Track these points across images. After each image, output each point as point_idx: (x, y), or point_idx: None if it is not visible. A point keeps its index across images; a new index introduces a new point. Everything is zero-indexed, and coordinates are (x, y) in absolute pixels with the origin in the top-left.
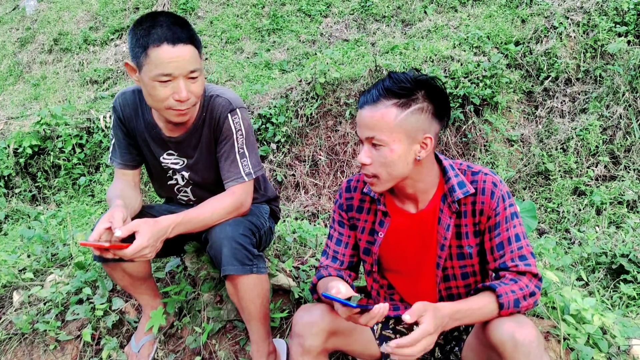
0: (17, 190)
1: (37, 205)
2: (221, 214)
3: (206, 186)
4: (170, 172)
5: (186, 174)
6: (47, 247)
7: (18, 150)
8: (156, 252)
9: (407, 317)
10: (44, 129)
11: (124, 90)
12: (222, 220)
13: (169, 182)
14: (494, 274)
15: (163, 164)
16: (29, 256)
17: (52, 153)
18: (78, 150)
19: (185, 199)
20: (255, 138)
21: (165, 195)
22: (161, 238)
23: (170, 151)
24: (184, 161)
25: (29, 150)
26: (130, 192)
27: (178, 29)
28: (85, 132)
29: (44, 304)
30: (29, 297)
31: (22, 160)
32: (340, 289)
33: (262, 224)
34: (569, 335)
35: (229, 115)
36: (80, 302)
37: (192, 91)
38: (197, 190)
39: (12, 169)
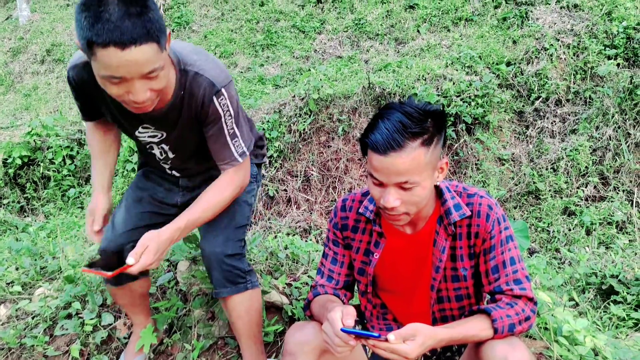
0: (5, 201)
1: (25, 217)
2: (223, 205)
3: (186, 157)
4: (148, 146)
5: (165, 147)
6: (36, 260)
7: (7, 161)
8: (160, 260)
9: (391, 337)
10: (34, 140)
11: (75, 64)
12: (226, 206)
13: (150, 152)
14: (489, 297)
15: (140, 138)
16: (17, 269)
17: (42, 164)
18: (68, 161)
19: (168, 169)
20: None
21: (151, 166)
22: (167, 248)
23: (145, 125)
24: (162, 134)
25: (19, 161)
26: (105, 145)
27: (129, 24)
28: (76, 143)
29: (32, 318)
30: (16, 310)
31: (11, 171)
32: (347, 321)
33: (247, 217)
34: (561, 356)
35: (214, 98)
36: (69, 316)
37: (152, 88)
38: (177, 162)
39: (1, 179)
